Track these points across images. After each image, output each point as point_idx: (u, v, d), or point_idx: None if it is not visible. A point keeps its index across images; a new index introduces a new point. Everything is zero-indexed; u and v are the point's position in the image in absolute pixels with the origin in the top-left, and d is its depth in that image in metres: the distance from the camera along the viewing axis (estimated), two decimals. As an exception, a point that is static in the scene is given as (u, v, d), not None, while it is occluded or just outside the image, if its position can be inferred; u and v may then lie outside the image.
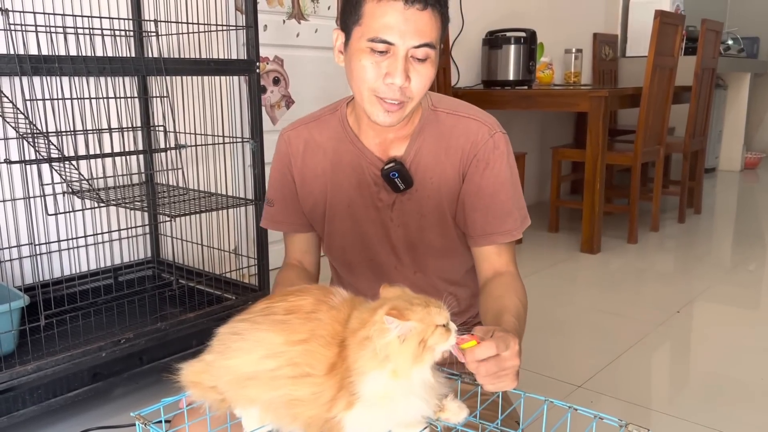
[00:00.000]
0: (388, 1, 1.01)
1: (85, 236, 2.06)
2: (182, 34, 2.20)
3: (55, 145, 1.65)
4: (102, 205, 1.84)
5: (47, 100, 1.72)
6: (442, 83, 3.35)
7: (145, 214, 2.25)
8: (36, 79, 1.68)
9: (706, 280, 2.96)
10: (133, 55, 2.16)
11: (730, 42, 5.52)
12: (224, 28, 2.37)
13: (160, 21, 2.08)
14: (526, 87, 3.64)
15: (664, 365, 2.16)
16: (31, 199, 1.92)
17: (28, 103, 1.64)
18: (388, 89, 1.04)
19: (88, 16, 1.89)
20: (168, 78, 1.88)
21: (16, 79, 1.61)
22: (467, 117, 1.17)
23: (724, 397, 1.91)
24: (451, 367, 0.90)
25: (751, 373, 2.05)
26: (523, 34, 3.59)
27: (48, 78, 1.68)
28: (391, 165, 1.15)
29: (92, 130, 1.98)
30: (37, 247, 1.96)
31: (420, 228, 1.20)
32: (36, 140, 1.65)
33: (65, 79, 1.82)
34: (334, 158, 1.21)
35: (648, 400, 1.88)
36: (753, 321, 2.53)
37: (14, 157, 1.88)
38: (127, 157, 2.15)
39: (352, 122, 1.20)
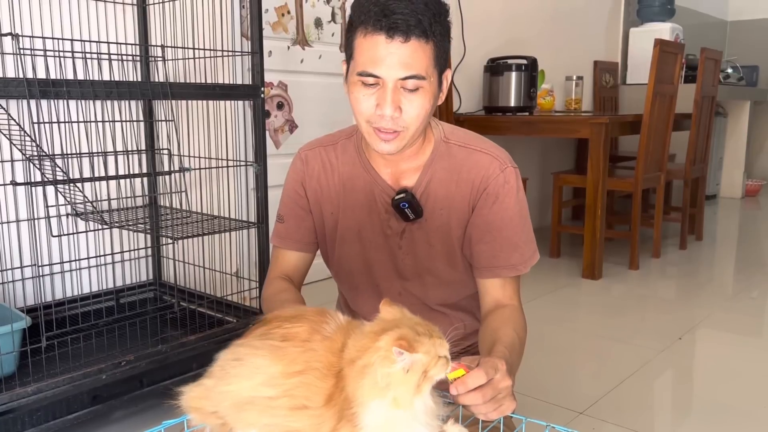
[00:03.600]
0: (372, 35, 1.03)
1: (88, 258, 2.07)
2: (188, 59, 2.23)
3: (60, 168, 1.67)
4: (105, 227, 1.85)
5: (54, 123, 1.74)
6: (444, 109, 3.38)
7: (148, 236, 2.26)
8: (43, 102, 1.70)
9: (708, 307, 2.95)
10: (140, 79, 2.19)
11: (729, 70, 5.58)
12: (230, 53, 2.40)
13: (167, 46, 2.11)
14: (527, 113, 3.67)
15: (667, 392, 2.15)
16: (36, 221, 1.93)
17: (34, 125, 1.66)
18: (380, 119, 1.06)
19: (95, 41, 1.92)
20: (173, 102, 1.90)
21: (23, 101, 1.63)
22: (479, 150, 1.18)
23: (727, 424, 1.89)
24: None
25: (753, 401, 2.03)
26: (524, 61, 3.63)
27: (54, 101, 1.70)
28: (401, 196, 1.16)
29: (97, 152, 2.00)
30: (40, 268, 1.97)
31: (428, 257, 1.21)
32: (42, 162, 1.66)
33: (72, 102, 1.84)
34: (347, 183, 1.22)
35: (650, 427, 1.87)
36: (755, 348, 2.52)
37: (20, 178, 1.89)
38: (131, 179, 2.17)
39: (365, 149, 1.22)
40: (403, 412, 0.74)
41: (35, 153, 1.66)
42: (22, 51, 1.70)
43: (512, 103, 3.65)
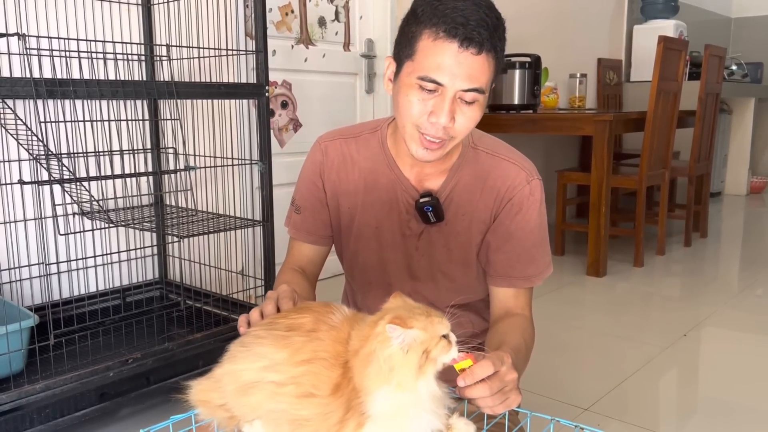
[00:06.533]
0: (443, 41, 0.99)
1: (95, 257, 2.08)
2: (193, 58, 2.24)
3: (66, 167, 1.68)
4: (111, 225, 1.86)
5: (60, 122, 1.75)
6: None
7: (154, 234, 2.27)
8: (49, 102, 1.71)
9: (712, 305, 2.95)
10: (145, 78, 2.20)
11: (734, 67, 5.57)
12: (234, 52, 2.41)
13: (172, 46, 2.12)
14: (531, 111, 3.67)
15: (671, 389, 2.15)
16: (43, 220, 1.94)
17: (41, 125, 1.67)
18: (432, 127, 1.04)
19: (101, 41, 1.93)
20: (178, 101, 1.91)
21: (30, 101, 1.64)
22: (506, 160, 1.18)
23: (731, 421, 1.89)
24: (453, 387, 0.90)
25: (758, 398, 2.03)
26: (528, 59, 3.63)
27: (60, 100, 1.72)
28: (426, 199, 1.16)
29: (103, 151, 2.01)
30: (48, 267, 1.98)
31: (444, 261, 1.21)
32: (48, 161, 1.68)
33: (77, 101, 1.85)
34: (369, 179, 1.21)
35: (655, 423, 1.87)
36: (760, 345, 2.51)
37: (27, 178, 1.91)
38: (137, 178, 2.18)
39: (391, 146, 1.20)
40: (410, 399, 0.74)
41: (42, 152, 1.67)
42: (28, 51, 1.72)
43: (516, 101, 3.65)
